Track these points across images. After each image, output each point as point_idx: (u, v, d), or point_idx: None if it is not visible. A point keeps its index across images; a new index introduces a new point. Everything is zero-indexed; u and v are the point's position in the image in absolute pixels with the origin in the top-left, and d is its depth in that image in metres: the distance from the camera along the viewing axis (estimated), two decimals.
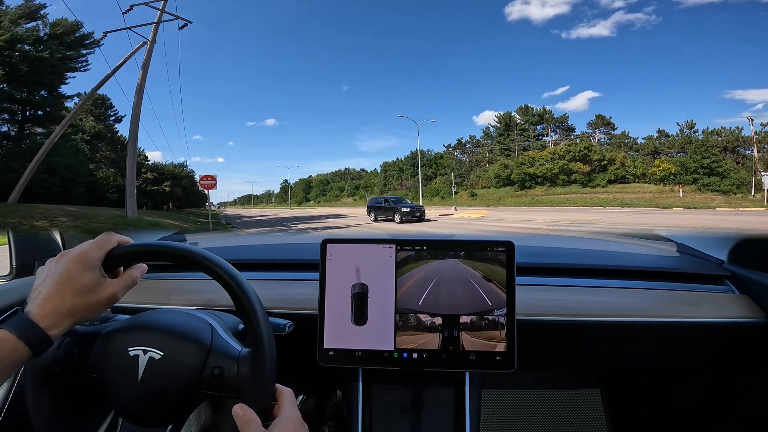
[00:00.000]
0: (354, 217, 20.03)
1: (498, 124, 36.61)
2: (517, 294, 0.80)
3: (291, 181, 63.04)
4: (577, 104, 49.57)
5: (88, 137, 21.26)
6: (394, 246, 0.83)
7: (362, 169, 51.08)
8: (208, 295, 0.99)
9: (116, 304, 0.86)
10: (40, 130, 19.91)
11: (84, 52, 20.16)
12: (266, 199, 73.09)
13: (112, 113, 24.70)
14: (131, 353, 0.60)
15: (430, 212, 22.26)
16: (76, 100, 20.82)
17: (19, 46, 17.17)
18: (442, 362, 0.81)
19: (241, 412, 0.55)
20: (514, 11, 47.67)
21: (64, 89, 20.57)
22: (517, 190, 30.37)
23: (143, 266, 0.62)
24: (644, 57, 45.19)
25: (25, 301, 0.54)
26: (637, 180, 26.51)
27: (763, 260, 0.98)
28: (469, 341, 0.81)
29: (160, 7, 14.53)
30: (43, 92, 19.08)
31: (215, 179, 13.16)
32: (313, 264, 0.91)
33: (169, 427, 0.78)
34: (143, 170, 25.67)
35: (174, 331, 0.63)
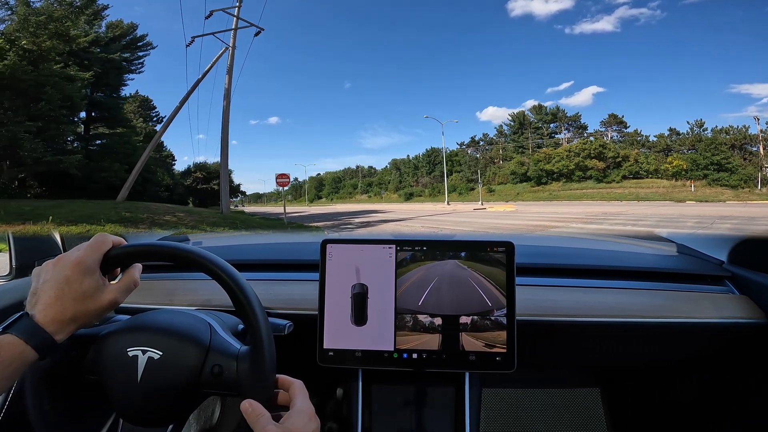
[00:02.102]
0: (393, 212, 20.04)
1: (512, 123, 37.94)
2: (517, 294, 0.81)
3: (300, 179, 63.65)
4: (582, 99, 49.89)
5: (142, 138, 22.36)
6: (393, 246, 0.84)
7: (370, 167, 51.87)
8: (207, 296, 1.00)
9: None
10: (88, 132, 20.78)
11: (140, 54, 21.33)
12: (275, 197, 73.87)
13: (153, 114, 25.87)
14: (130, 354, 0.61)
15: (459, 207, 23.26)
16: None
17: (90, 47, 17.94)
18: (442, 363, 0.82)
19: (250, 407, 0.55)
20: (516, 7, 48.08)
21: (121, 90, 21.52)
22: (533, 186, 31.72)
23: (139, 266, 0.62)
24: (649, 52, 45.32)
25: (23, 303, 0.54)
26: (650, 176, 27.94)
27: (762, 261, 0.99)
28: (469, 342, 0.81)
29: (235, 14, 15.80)
30: (103, 94, 19.99)
31: (289, 177, 14.43)
32: (313, 264, 0.92)
33: (170, 427, 0.77)
34: (192, 170, 26.90)
35: (173, 331, 0.64)
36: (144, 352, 0.61)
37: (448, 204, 27.72)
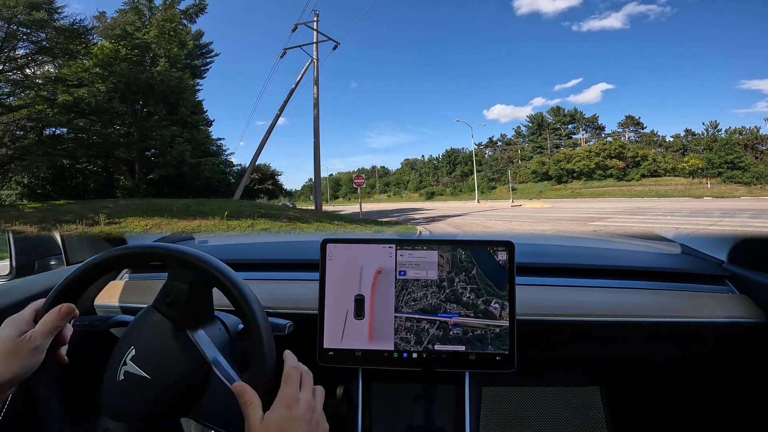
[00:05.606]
0: (436, 209, 20.58)
1: (530, 124, 39.62)
2: (517, 294, 0.81)
3: (305, 181, 64.74)
4: (591, 96, 48.16)
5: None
6: (394, 246, 0.84)
7: (383, 167, 52.96)
8: None
9: (118, 304, 0.90)
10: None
11: (207, 60, 21.70)
12: (298, 195, 75.74)
13: (204, 117, 27.26)
14: (123, 369, 0.60)
15: (494, 204, 23.30)
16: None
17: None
18: (442, 362, 0.82)
19: (240, 390, 0.55)
20: (523, 5, 47.61)
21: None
22: (554, 185, 33.30)
23: (69, 307, 0.59)
24: (658, 48, 43.40)
25: (24, 303, 0.54)
26: (667, 174, 29.49)
27: (762, 260, 1.00)
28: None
29: (315, 28, 17.06)
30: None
31: (364, 178, 16.36)
32: (313, 264, 0.92)
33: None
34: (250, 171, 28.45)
35: (168, 377, 0.61)
36: (136, 371, 0.60)
37: (478, 202, 28.56)
